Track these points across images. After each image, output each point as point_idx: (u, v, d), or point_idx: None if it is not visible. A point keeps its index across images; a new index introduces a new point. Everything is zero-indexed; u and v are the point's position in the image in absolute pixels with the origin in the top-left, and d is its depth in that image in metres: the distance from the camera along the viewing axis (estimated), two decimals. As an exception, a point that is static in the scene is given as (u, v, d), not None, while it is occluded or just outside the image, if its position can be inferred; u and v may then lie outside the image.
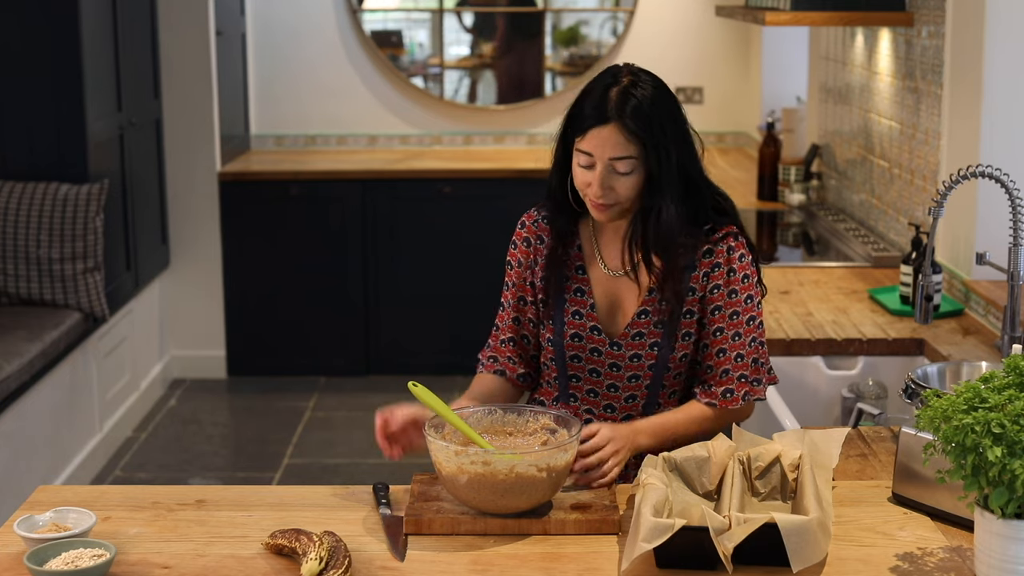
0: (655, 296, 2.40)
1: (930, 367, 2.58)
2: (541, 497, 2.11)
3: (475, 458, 2.07)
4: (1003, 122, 3.40)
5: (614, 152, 2.30)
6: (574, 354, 2.43)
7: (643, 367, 2.42)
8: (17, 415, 4.46)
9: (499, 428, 2.26)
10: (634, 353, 2.41)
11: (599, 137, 2.30)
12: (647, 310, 2.40)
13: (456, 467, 2.08)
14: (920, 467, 2.08)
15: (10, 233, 4.85)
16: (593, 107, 2.32)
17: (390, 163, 6.30)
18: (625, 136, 2.30)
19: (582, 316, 2.43)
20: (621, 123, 2.29)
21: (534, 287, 2.48)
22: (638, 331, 2.41)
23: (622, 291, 2.43)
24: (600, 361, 2.43)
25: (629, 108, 2.30)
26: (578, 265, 2.45)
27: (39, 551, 1.93)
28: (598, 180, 2.31)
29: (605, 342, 2.42)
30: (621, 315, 2.43)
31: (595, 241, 2.46)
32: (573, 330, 2.43)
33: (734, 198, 5.51)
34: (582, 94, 2.37)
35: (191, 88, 6.07)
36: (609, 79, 2.35)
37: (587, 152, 2.31)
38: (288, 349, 6.28)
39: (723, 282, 2.39)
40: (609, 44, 6.77)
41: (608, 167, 2.31)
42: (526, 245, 2.49)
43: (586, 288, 2.44)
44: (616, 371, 2.43)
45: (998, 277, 3.24)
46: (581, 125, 2.32)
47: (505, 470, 2.06)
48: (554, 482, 2.11)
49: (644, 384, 2.43)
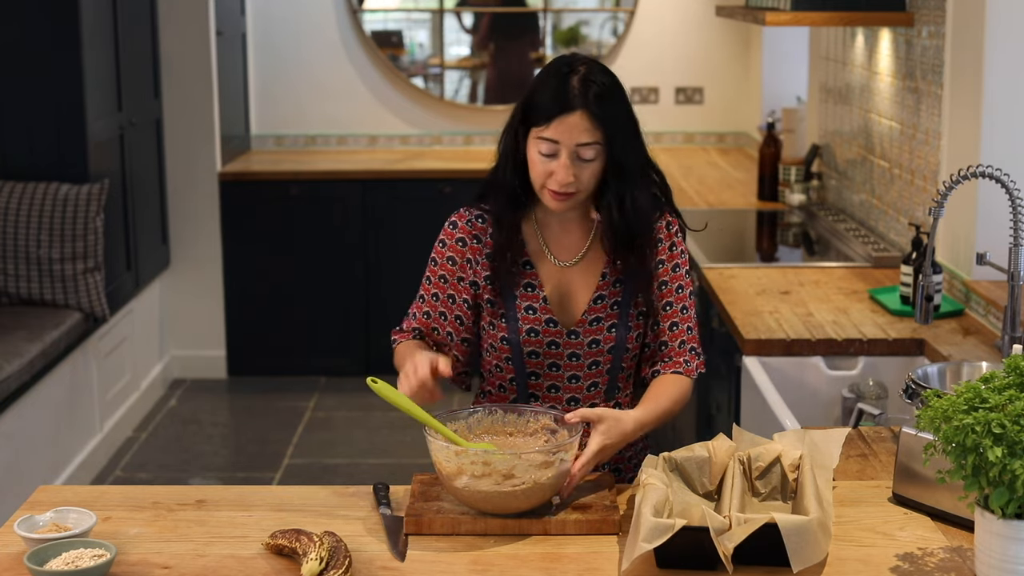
0: (608, 280, 2.42)
1: (930, 367, 2.58)
2: (541, 497, 2.11)
3: (475, 458, 2.07)
4: (1003, 122, 3.40)
5: (581, 138, 2.31)
6: (531, 350, 2.43)
7: (602, 351, 2.43)
8: (17, 415, 4.46)
9: (499, 428, 2.26)
10: (592, 339, 2.42)
11: (566, 124, 2.30)
12: (603, 295, 2.43)
13: (456, 467, 2.08)
14: (920, 467, 2.08)
15: (10, 233, 4.85)
16: (555, 95, 2.32)
17: (390, 163, 6.30)
18: (591, 122, 2.31)
19: (535, 311, 2.42)
20: (587, 109, 2.31)
21: (475, 286, 2.46)
22: (596, 316, 2.42)
23: (573, 280, 2.44)
24: (559, 353, 2.43)
25: (592, 94, 2.32)
26: (524, 261, 2.44)
27: (39, 551, 1.93)
28: (564, 168, 2.31)
29: (562, 332, 2.42)
30: (574, 304, 2.44)
31: (540, 234, 2.46)
32: (528, 325, 2.42)
33: (735, 198, 5.56)
34: (537, 84, 2.37)
35: (191, 88, 6.07)
36: (565, 68, 2.36)
37: (552, 140, 2.31)
38: (288, 349, 6.28)
39: (666, 257, 2.44)
40: (609, 44, 6.78)
41: (573, 154, 2.32)
42: (460, 245, 2.46)
43: (536, 282, 2.43)
44: (576, 360, 2.43)
45: (998, 277, 3.24)
46: (544, 114, 2.32)
47: (504, 470, 2.06)
48: (554, 483, 2.11)
49: (604, 369, 2.44)
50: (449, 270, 2.46)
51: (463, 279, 2.46)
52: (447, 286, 2.47)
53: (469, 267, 2.45)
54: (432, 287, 2.48)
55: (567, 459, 2.11)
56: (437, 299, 2.48)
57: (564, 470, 2.11)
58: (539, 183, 2.36)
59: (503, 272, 2.42)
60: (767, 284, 3.79)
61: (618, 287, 2.43)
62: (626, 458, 2.52)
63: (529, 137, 2.35)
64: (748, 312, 3.48)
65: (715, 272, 3.94)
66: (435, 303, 2.48)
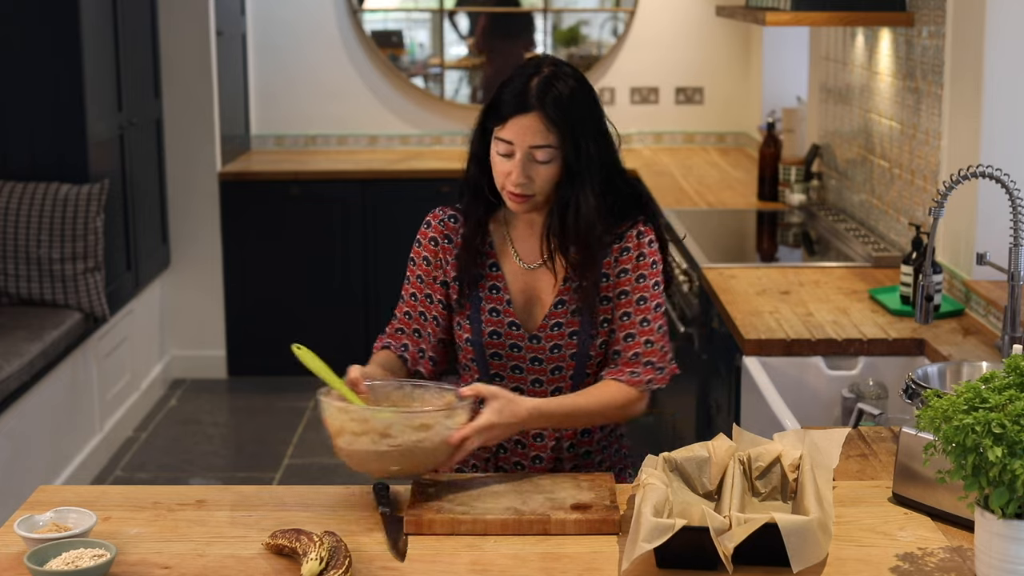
0: (570, 285, 2.41)
1: (930, 367, 2.58)
2: (419, 462, 2.13)
3: (355, 415, 2.11)
4: (1003, 122, 3.40)
5: (534, 140, 2.31)
6: (494, 351, 2.43)
7: (565, 357, 2.42)
8: (17, 415, 4.46)
9: (407, 402, 2.28)
10: (554, 344, 2.41)
11: (520, 125, 2.31)
12: (563, 299, 2.41)
13: (339, 425, 2.12)
14: (920, 467, 2.08)
15: (10, 233, 4.86)
16: (514, 96, 2.32)
17: (390, 163, 6.30)
18: (545, 125, 2.31)
19: (499, 312, 2.42)
20: (542, 112, 2.31)
21: (446, 286, 2.47)
22: (556, 321, 2.41)
23: (538, 284, 2.43)
24: (521, 356, 2.43)
25: (550, 98, 2.31)
26: (491, 262, 2.44)
27: (39, 551, 1.93)
28: (518, 168, 2.31)
29: (524, 336, 2.41)
30: (539, 308, 2.43)
31: (508, 236, 2.46)
32: (491, 327, 2.42)
33: (735, 198, 5.56)
34: (503, 84, 2.37)
35: (191, 88, 6.07)
36: (531, 69, 2.36)
37: (507, 140, 2.32)
38: (288, 349, 6.27)
39: (631, 267, 2.40)
40: (609, 44, 6.78)
41: (527, 155, 2.32)
42: (433, 244, 2.48)
43: (501, 284, 2.43)
44: (538, 365, 2.43)
45: (998, 277, 3.24)
46: (501, 113, 2.33)
47: (381, 428, 2.09)
48: (433, 448, 2.12)
49: (568, 375, 2.43)
50: (424, 270, 2.48)
51: (436, 279, 2.47)
52: (423, 286, 2.48)
53: (441, 267, 2.46)
54: (411, 287, 2.50)
55: (450, 426, 2.13)
56: (415, 299, 2.49)
57: (445, 436, 2.12)
58: (499, 183, 2.37)
59: (469, 272, 2.43)
60: (767, 284, 3.79)
61: (580, 294, 2.41)
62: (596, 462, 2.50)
63: (492, 137, 2.36)
64: (748, 312, 3.48)
65: (715, 272, 3.94)
66: (414, 303, 2.49)
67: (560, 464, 2.48)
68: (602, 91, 6.78)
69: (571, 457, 2.48)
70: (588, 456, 2.50)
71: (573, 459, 2.48)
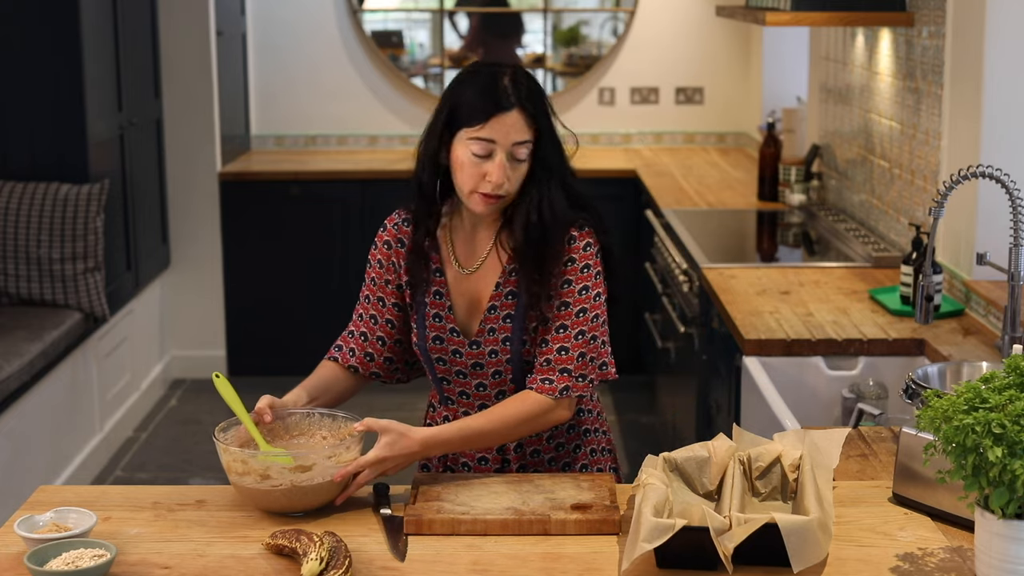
0: (501, 291, 2.39)
1: (930, 367, 2.58)
2: (308, 499, 2.14)
3: (236, 456, 2.15)
4: (1003, 122, 3.40)
5: (518, 136, 2.30)
6: (438, 357, 2.43)
7: (502, 362, 2.40)
8: (17, 415, 4.46)
9: (314, 431, 2.33)
10: (491, 349, 2.40)
11: (503, 123, 2.29)
12: (495, 305, 2.39)
13: (226, 463, 2.17)
14: (920, 467, 2.08)
15: (10, 233, 4.86)
16: (488, 96, 2.30)
17: (390, 163, 6.30)
18: (526, 121, 2.31)
19: (441, 319, 2.42)
20: (522, 107, 2.30)
21: (400, 289, 2.46)
22: (490, 327, 2.39)
23: (477, 289, 2.42)
24: (463, 362, 2.42)
25: (525, 93, 2.31)
26: (435, 268, 2.43)
27: (39, 551, 1.93)
28: (500, 168, 2.29)
29: (464, 343, 2.40)
30: (476, 314, 2.42)
31: (449, 240, 2.44)
32: (434, 333, 2.42)
33: (735, 198, 5.56)
34: (462, 87, 2.34)
35: (192, 88, 6.07)
36: (488, 70, 2.35)
37: (488, 140, 2.29)
38: (288, 349, 6.28)
39: (575, 278, 2.34)
40: (609, 44, 6.78)
41: (509, 154, 2.30)
42: (387, 248, 2.47)
43: (444, 290, 2.42)
44: (480, 370, 2.41)
45: (998, 277, 3.24)
46: (478, 114, 2.29)
47: (260, 469, 2.12)
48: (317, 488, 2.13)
49: (508, 379, 2.41)
50: (378, 273, 2.49)
51: (390, 282, 2.47)
52: (376, 289, 2.49)
53: (395, 271, 2.46)
54: (365, 290, 2.51)
55: (334, 465, 2.15)
56: (368, 302, 2.50)
57: (328, 475, 2.14)
58: (469, 186, 2.32)
59: (415, 278, 2.42)
60: (767, 284, 3.79)
61: (511, 299, 2.38)
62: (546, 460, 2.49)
63: (456, 140, 2.33)
64: (748, 312, 3.48)
65: (715, 272, 3.94)
66: (367, 305, 2.50)
67: (507, 465, 2.46)
68: (602, 91, 6.79)
69: (517, 458, 2.46)
70: (537, 455, 2.47)
71: (520, 459, 2.46)
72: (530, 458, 2.47)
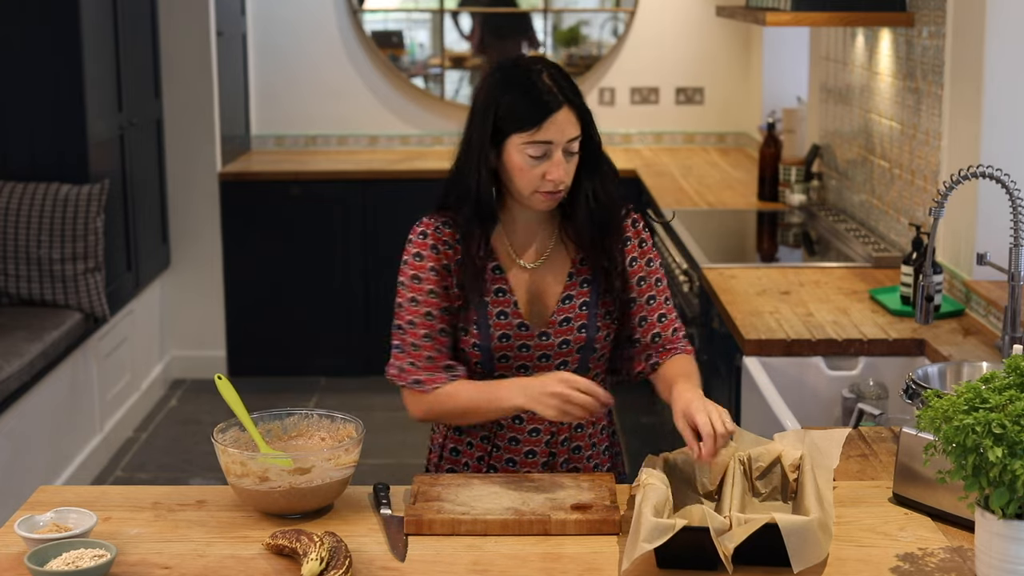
0: (575, 280, 2.44)
1: (931, 367, 2.58)
2: (305, 502, 2.13)
3: (234, 458, 2.14)
4: (1003, 122, 3.40)
5: (571, 133, 2.34)
6: (503, 354, 2.42)
7: (571, 352, 2.43)
8: (17, 415, 4.46)
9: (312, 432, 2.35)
10: (563, 340, 2.42)
11: (556, 123, 2.32)
12: (571, 294, 2.43)
13: (225, 464, 2.16)
14: (921, 467, 2.08)
15: (11, 233, 4.86)
16: (534, 98, 2.32)
17: (391, 163, 6.30)
18: (575, 116, 2.35)
19: (507, 315, 2.42)
20: (570, 104, 2.34)
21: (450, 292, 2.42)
22: (565, 316, 2.43)
23: (544, 282, 2.44)
24: (528, 356, 2.43)
25: (566, 88, 2.35)
26: (493, 266, 2.44)
27: (40, 551, 1.93)
28: (559, 166, 2.32)
29: (533, 335, 2.42)
30: (543, 306, 2.44)
31: (506, 239, 2.45)
32: (500, 331, 2.41)
33: (735, 198, 5.56)
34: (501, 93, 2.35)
35: (192, 88, 6.07)
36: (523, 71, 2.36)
37: (545, 142, 2.32)
38: (288, 349, 6.28)
39: (638, 254, 2.47)
40: (609, 44, 6.78)
41: (564, 151, 2.34)
42: (435, 252, 2.43)
43: (506, 287, 2.43)
44: (545, 361, 2.43)
45: (999, 277, 3.24)
46: (530, 119, 2.31)
47: (259, 472, 2.12)
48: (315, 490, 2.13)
49: (571, 369, 2.43)
50: (435, 281, 2.41)
51: (448, 287, 2.42)
52: (438, 300, 2.41)
53: (447, 273, 2.42)
54: (422, 307, 2.40)
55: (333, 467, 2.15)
56: (432, 318, 2.40)
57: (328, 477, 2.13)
58: (530, 188, 2.35)
59: (472, 280, 2.40)
60: (767, 284, 3.79)
61: (585, 287, 2.44)
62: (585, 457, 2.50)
63: (508, 146, 2.34)
64: (748, 312, 3.48)
65: (715, 272, 3.94)
66: (431, 322, 2.40)
67: (554, 458, 2.47)
68: (602, 91, 6.79)
69: (564, 451, 2.48)
70: (578, 451, 2.49)
71: (566, 453, 2.48)
72: (573, 454, 2.49)
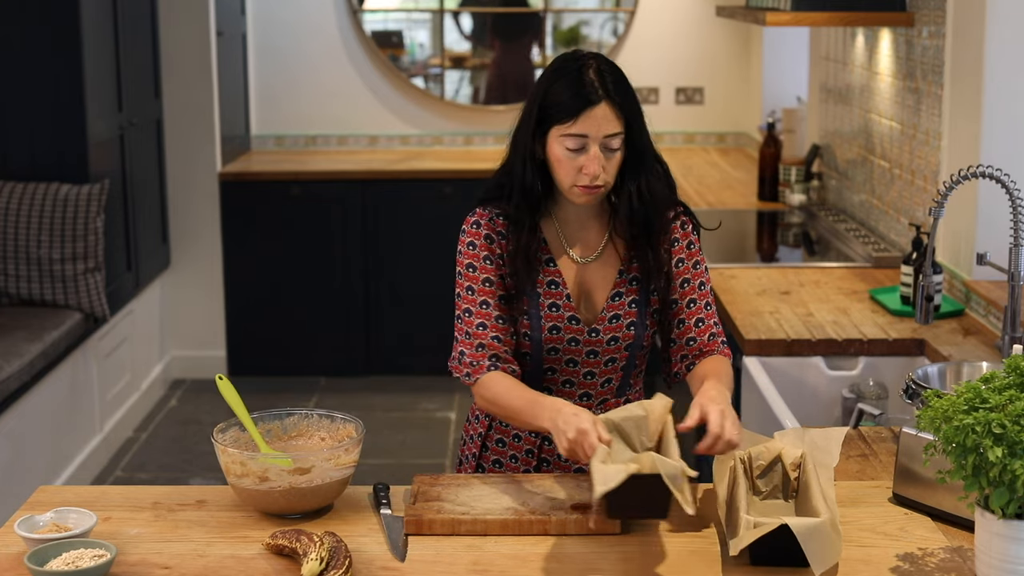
0: (626, 277, 2.45)
1: (931, 367, 2.58)
2: (305, 502, 2.13)
3: (234, 457, 2.14)
4: (1003, 122, 3.40)
5: (608, 129, 2.33)
6: (552, 347, 2.43)
7: (620, 348, 2.45)
8: (17, 415, 4.46)
9: (312, 431, 2.35)
10: (612, 336, 2.43)
11: (592, 117, 2.32)
12: (620, 291, 2.45)
13: (225, 464, 2.16)
14: (921, 467, 2.08)
15: (11, 233, 4.86)
16: (575, 91, 2.33)
17: (390, 163, 6.30)
18: (615, 113, 2.34)
19: (559, 308, 2.43)
20: (609, 100, 2.33)
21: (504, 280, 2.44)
22: (614, 313, 2.44)
23: (593, 277, 2.45)
24: (578, 350, 2.43)
25: (611, 85, 2.34)
26: (546, 258, 2.45)
27: (40, 551, 1.93)
28: (595, 160, 2.33)
29: (583, 330, 2.43)
30: (594, 301, 2.45)
31: (560, 232, 2.46)
32: (551, 323, 2.42)
33: (735, 198, 5.55)
34: (548, 84, 2.37)
35: (192, 88, 6.07)
36: (574, 64, 2.37)
37: (580, 135, 2.32)
38: (288, 349, 6.28)
39: (685, 255, 2.49)
40: (609, 44, 6.77)
41: (602, 146, 2.34)
42: (489, 242, 2.44)
43: (559, 279, 2.44)
44: (594, 357, 2.44)
45: (999, 277, 3.24)
46: (568, 111, 2.33)
47: (259, 472, 2.12)
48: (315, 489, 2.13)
49: (620, 366, 2.45)
50: (490, 270, 2.42)
51: (503, 276, 2.43)
52: (494, 288, 2.42)
53: (501, 262, 2.44)
54: (479, 296, 2.41)
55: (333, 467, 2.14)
56: (487, 307, 2.40)
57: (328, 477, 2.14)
58: (568, 181, 2.36)
59: (524, 271, 2.41)
60: (767, 284, 3.79)
61: (635, 284, 2.45)
62: None
63: (550, 137, 2.36)
64: (748, 312, 3.48)
65: (715, 272, 3.94)
66: (487, 311, 2.40)
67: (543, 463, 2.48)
68: (602, 91, 6.78)
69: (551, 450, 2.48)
70: None
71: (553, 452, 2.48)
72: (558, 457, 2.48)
